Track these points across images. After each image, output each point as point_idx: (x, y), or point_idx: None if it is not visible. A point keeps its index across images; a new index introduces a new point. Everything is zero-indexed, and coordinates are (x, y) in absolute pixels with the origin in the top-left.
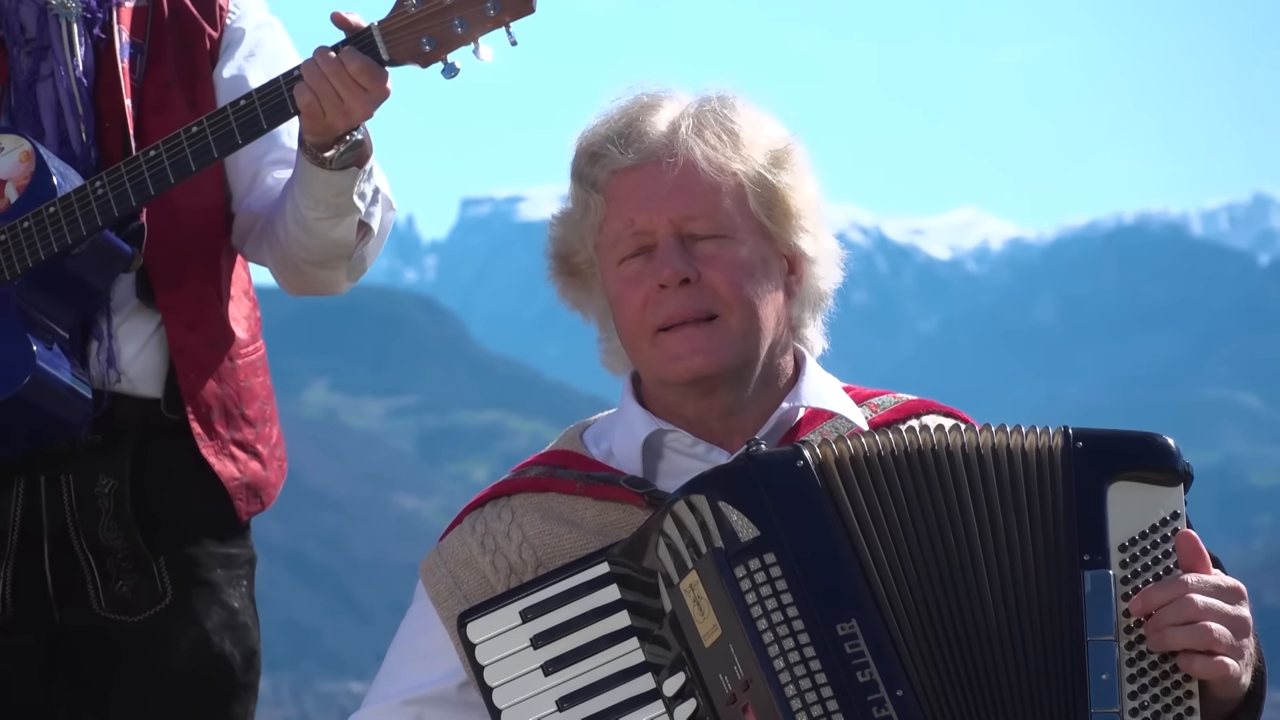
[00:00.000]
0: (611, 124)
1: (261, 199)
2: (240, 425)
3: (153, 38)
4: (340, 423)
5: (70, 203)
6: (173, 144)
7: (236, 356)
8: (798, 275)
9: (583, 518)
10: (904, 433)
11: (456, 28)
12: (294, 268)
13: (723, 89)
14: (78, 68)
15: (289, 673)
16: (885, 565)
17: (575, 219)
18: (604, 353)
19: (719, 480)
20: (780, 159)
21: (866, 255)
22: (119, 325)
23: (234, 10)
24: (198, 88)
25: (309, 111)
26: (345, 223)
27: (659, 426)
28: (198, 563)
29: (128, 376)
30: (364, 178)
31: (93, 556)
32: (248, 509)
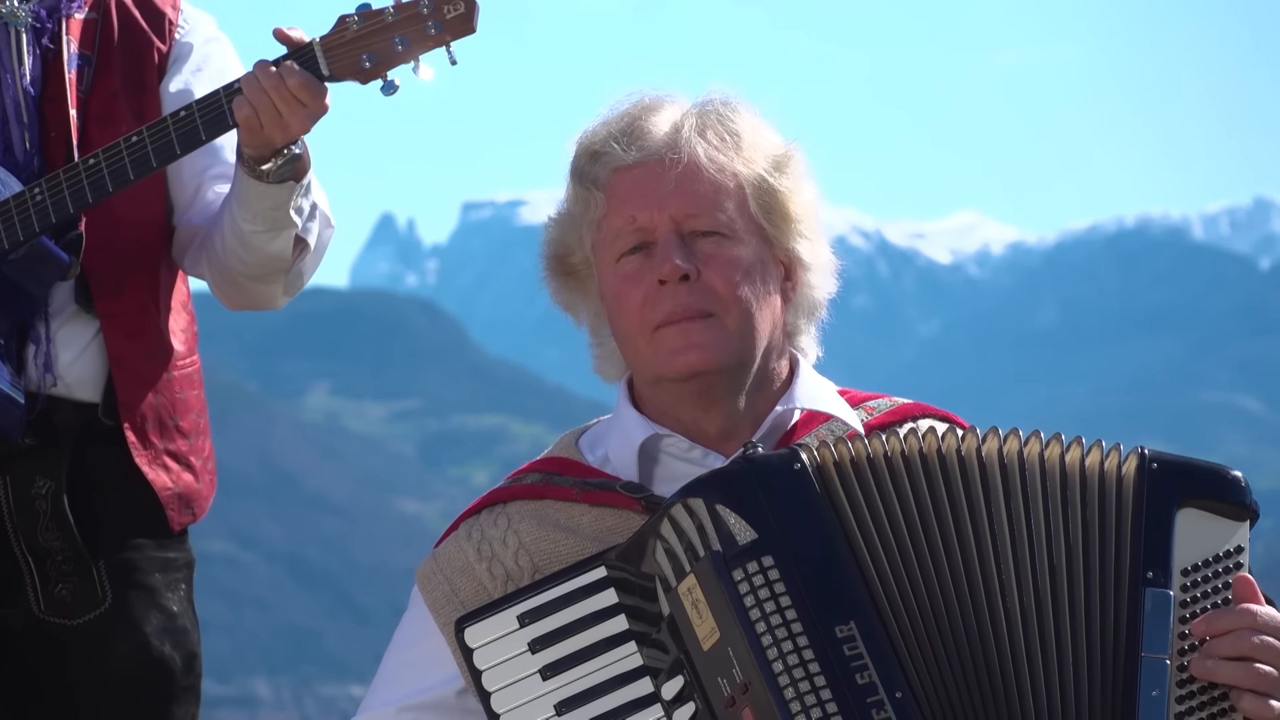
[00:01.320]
0: (612, 124)
1: (202, 212)
2: (174, 436)
3: (101, 50)
4: (341, 426)
5: (9, 208)
6: (112, 153)
7: (173, 369)
8: (794, 282)
9: (579, 524)
10: (923, 437)
11: (397, 45)
12: (231, 281)
13: (724, 93)
14: (24, 77)
15: (290, 676)
16: (887, 568)
17: (574, 217)
18: (596, 359)
19: (716, 483)
20: (781, 163)
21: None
22: (57, 330)
23: (183, 25)
24: (144, 100)
25: (247, 125)
26: (282, 236)
27: (655, 431)
28: (136, 566)
29: (65, 381)
30: (301, 192)
31: (32, 559)
32: (179, 519)
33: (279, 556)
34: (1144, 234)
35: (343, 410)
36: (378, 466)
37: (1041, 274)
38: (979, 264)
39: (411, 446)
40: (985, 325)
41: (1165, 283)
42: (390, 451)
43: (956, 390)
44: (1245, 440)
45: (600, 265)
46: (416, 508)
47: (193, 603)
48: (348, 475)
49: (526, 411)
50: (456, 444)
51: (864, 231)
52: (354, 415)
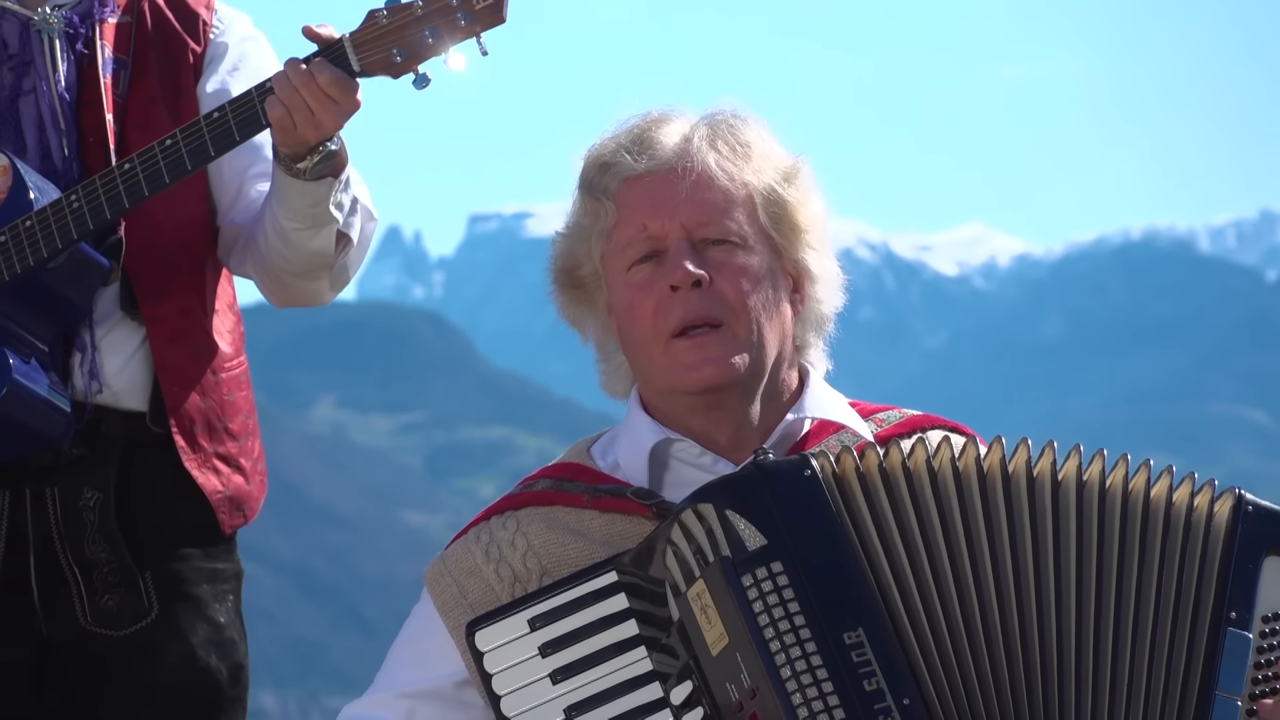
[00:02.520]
0: (622, 136)
1: (245, 211)
2: (223, 438)
3: (136, 53)
4: (347, 439)
5: (46, 217)
6: (147, 157)
7: (220, 370)
8: (802, 295)
9: (589, 528)
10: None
11: (427, 38)
12: (277, 279)
13: (733, 105)
14: (60, 83)
15: (296, 689)
16: (908, 577)
17: (582, 229)
18: (603, 374)
19: (727, 489)
20: (790, 175)
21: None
22: (102, 337)
23: (217, 25)
24: (181, 103)
25: (280, 124)
26: (323, 233)
27: (666, 435)
28: (183, 578)
29: (111, 389)
30: (340, 188)
31: (79, 570)
32: (230, 522)
33: (285, 569)
34: (1150, 246)
35: (349, 423)
36: (384, 479)
37: (1048, 286)
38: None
39: (418, 459)
40: (992, 337)
41: (1171, 295)
42: (397, 464)
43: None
44: (1251, 452)
45: (610, 276)
46: (423, 520)
47: (241, 614)
48: (354, 487)
49: (533, 424)
50: (463, 456)
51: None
52: (360, 428)
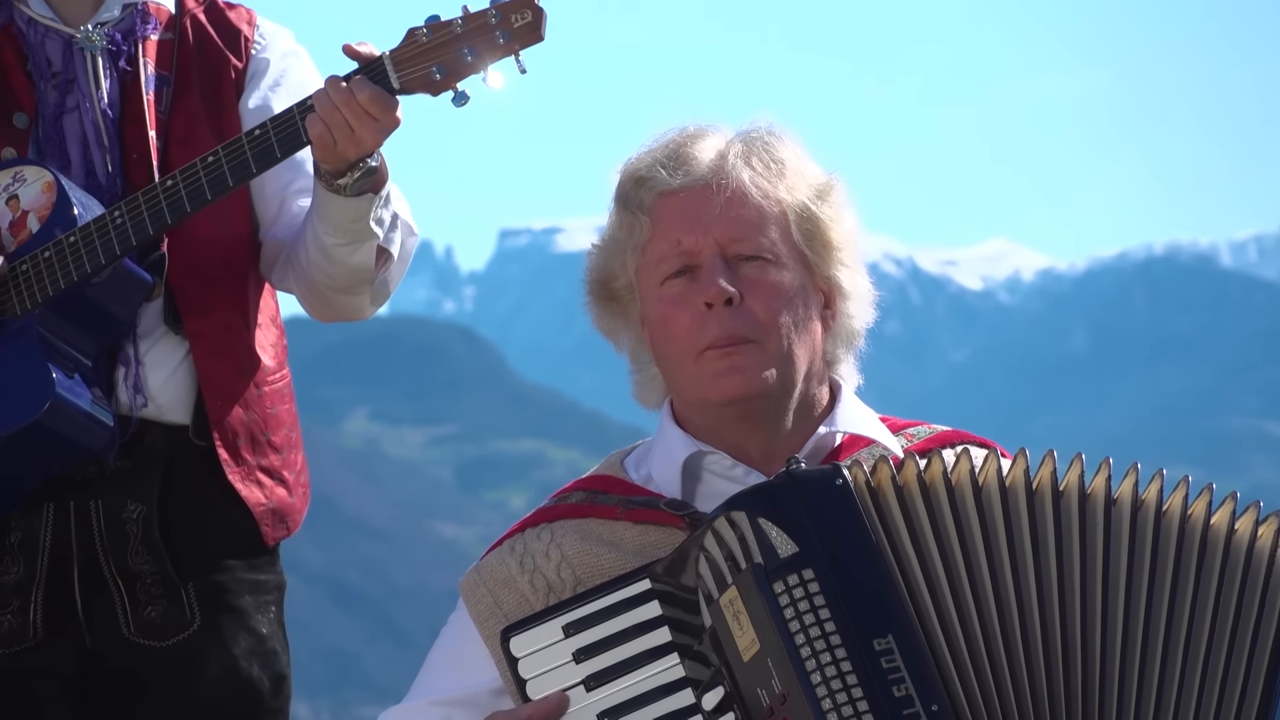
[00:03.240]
0: (658, 151)
1: (287, 227)
2: (266, 451)
3: (179, 70)
4: (380, 452)
5: (90, 232)
6: (189, 173)
7: (263, 384)
8: (833, 310)
9: (622, 538)
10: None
11: (466, 56)
12: (319, 294)
13: (768, 122)
14: (103, 100)
15: (330, 699)
16: (939, 585)
17: (617, 242)
18: (636, 384)
19: (759, 497)
20: (824, 192)
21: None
22: (146, 352)
23: (259, 41)
24: (224, 119)
25: (320, 141)
26: (364, 248)
27: (699, 448)
28: (226, 589)
29: (155, 403)
30: (380, 204)
31: (122, 582)
32: (274, 534)
33: (319, 580)
34: (1173, 261)
35: (381, 436)
36: (416, 491)
37: (1072, 300)
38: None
39: (449, 471)
40: (1016, 351)
41: (1194, 309)
42: (428, 476)
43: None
44: (1273, 465)
45: (643, 289)
46: (454, 531)
47: (283, 625)
48: (387, 500)
49: (563, 436)
50: (494, 468)
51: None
52: (393, 441)
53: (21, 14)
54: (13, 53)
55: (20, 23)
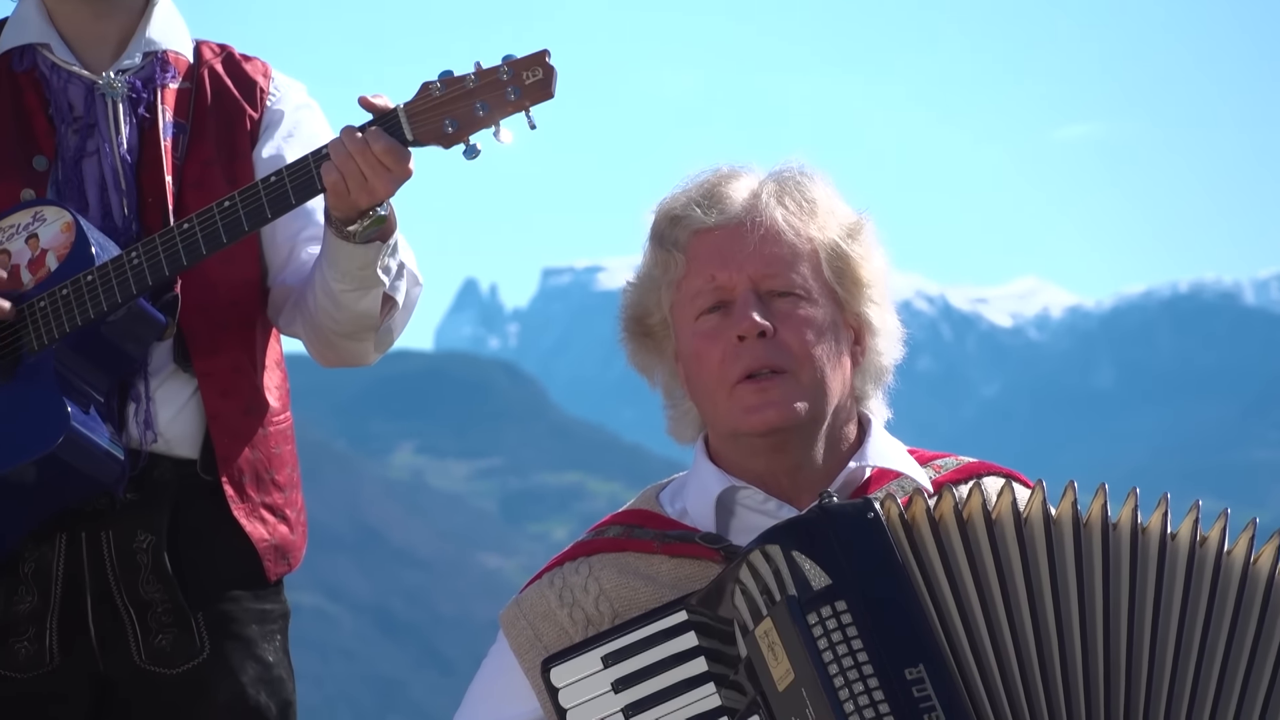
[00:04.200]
0: (692, 191)
1: (296, 273)
2: (270, 489)
3: (195, 118)
4: (426, 484)
5: (107, 272)
6: (205, 217)
7: (269, 424)
8: (863, 346)
9: (658, 572)
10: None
11: (478, 111)
12: (324, 339)
13: (799, 162)
14: (122, 145)
15: None
16: (972, 615)
17: (653, 279)
18: (670, 420)
19: (793, 531)
20: (854, 230)
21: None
22: (156, 388)
23: (274, 93)
24: (237, 166)
25: (334, 189)
26: (370, 295)
27: (732, 483)
28: (234, 618)
29: (164, 438)
30: (388, 252)
31: (134, 610)
32: (275, 569)
33: (366, 609)
34: (1197, 298)
35: (427, 468)
36: (461, 522)
37: (1099, 337)
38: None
39: (493, 503)
40: (1045, 386)
41: (1218, 345)
42: (473, 508)
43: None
44: None
45: (678, 324)
46: (498, 562)
47: (288, 653)
48: (432, 531)
49: (604, 469)
50: (536, 501)
51: (928, 296)
52: (438, 473)
53: (45, 59)
54: (35, 96)
55: (43, 67)
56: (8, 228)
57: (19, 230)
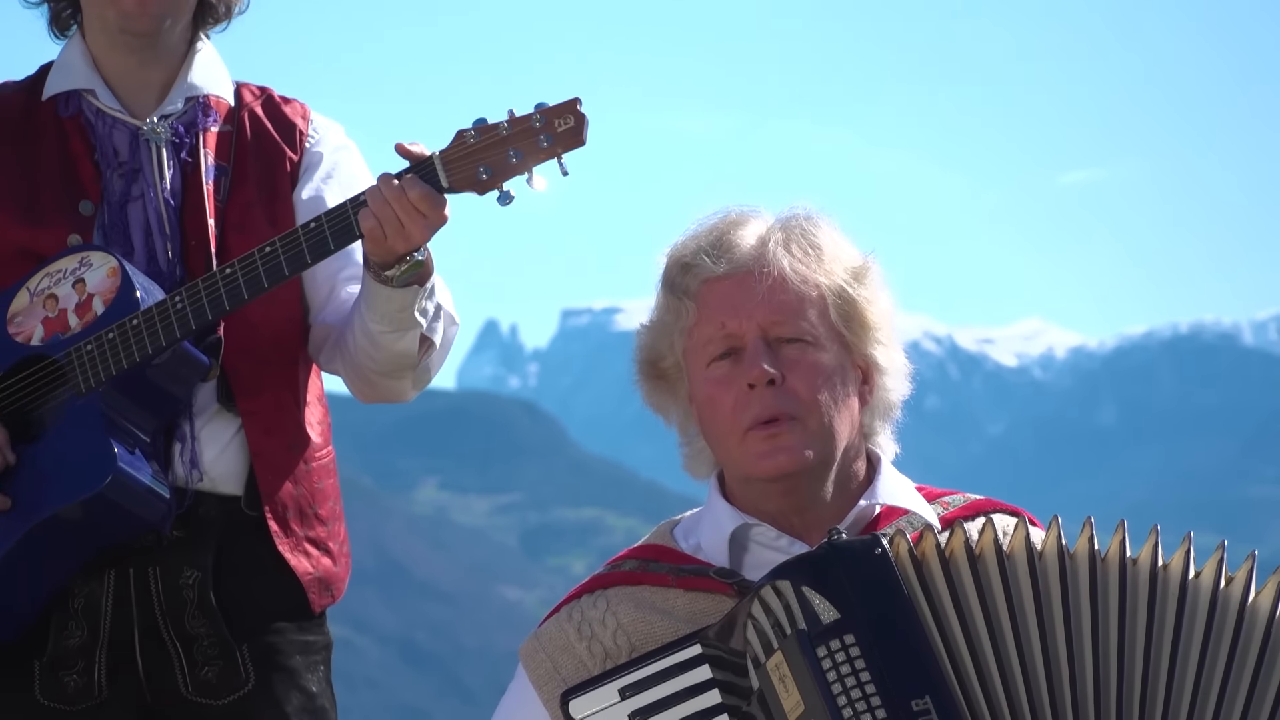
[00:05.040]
0: (702, 238)
1: (336, 312)
2: (313, 523)
3: (236, 161)
4: (449, 519)
5: (152, 316)
6: (247, 263)
7: (311, 459)
8: (871, 385)
9: (674, 606)
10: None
11: (512, 158)
12: (363, 377)
13: (805, 208)
14: (165, 189)
15: None
16: (980, 647)
17: (665, 325)
18: (685, 457)
19: (803, 567)
20: (860, 274)
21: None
22: (201, 428)
23: (313, 135)
24: (278, 208)
25: (371, 235)
26: (408, 336)
27: (745, 521)
28: (278, 650)
29: (209, 476)
30: (425, 295)
31: (180, 644)
32: (319, 601)
33: (391, 640)
34: (1197, 339)
35: (450, 504)
36: (483, 556)
37: (1101, 376)
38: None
39: (514, 538)
40: (1049, 424)
41: (1217, 384)
42: (494, 542)
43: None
44: None
45: (691, 370)
46: (518, 595)
47: (331, 683)
48: (455, 564)
49: (621, 505)
50: (556, 535)
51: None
52: (461, 508)
53: (90, 105)
54: (81, 142)
55: (89, 114)
56: (55, 272)
57: (66, 275)
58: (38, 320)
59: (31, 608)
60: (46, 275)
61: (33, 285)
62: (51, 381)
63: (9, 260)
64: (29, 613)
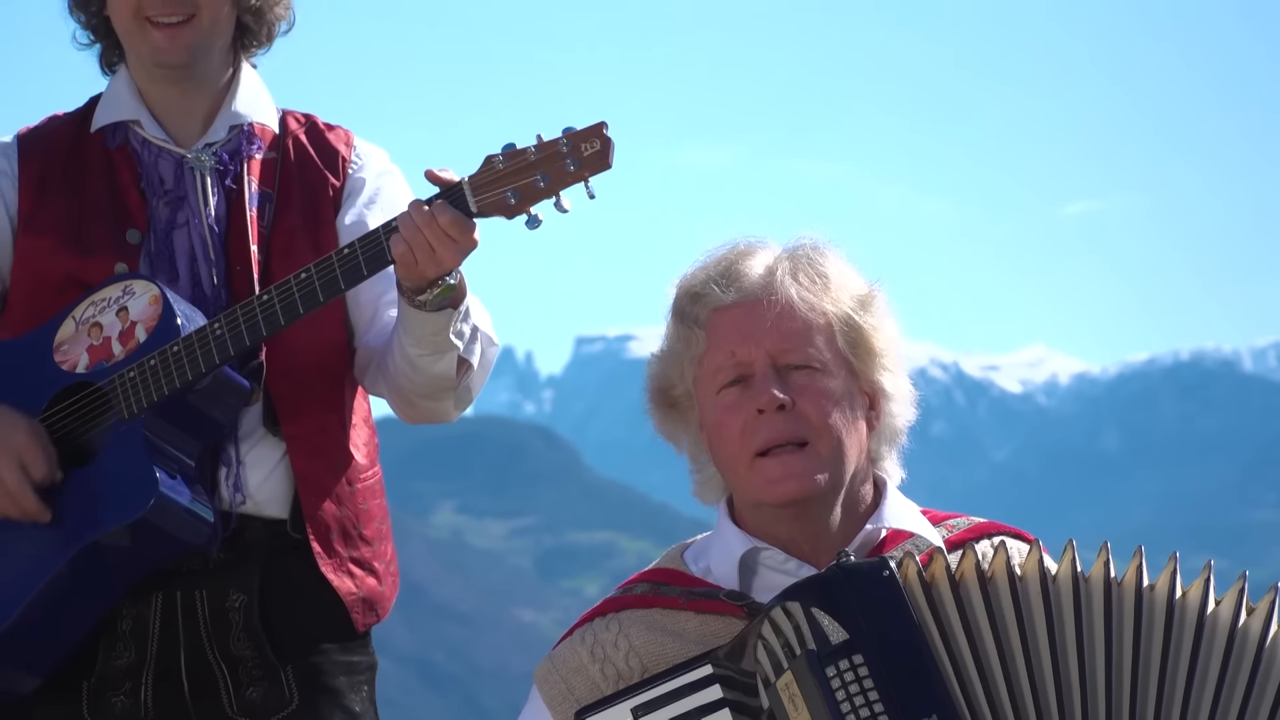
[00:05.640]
0: (711, 268)
1: (379, 335)
2: (358, 544)
3: (280, 187)
4: (465, 542)
5: (192, 342)
6: (283, 289)
7: (355, 481)
8: (877, 411)
9: (685, 629)
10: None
11: (539, 182)
12: (406, 399)
13: (812, 238)
14: (210, 216)
15: None
16: (988, 666)
17: (676, 354)
18: (696, 484)
19: (812, 588)
20: (865, 302)
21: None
22: (247, 453)
23: (355, 161)
24: (321, 233)
25: (403, 260)
26: (446, 359)
27: (754, 544)
28: (322, 670)
29: (254, 500)
30: (460, 318)
31: (225, 665)
32: (364, 620)
33: (409, 661)
34: (1198, 366)
35: (467, 527)
36: (498, 579)
37: (1104, 403)
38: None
39: (529, 560)
40: (1053, 450)
41: (1218, 411)
42: (510, 565)
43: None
44: None
45: (701, 397)
46: (534, 616)
47: (374, 703)
48: (471, 586)
49: (634, 528)
50: (570, 558)
51: (942, 364)
52: (477, 532)
53: (136, 135)
54: (128, 171)
55: (135, 143)
56: (100, 301)
57: (110, 303)
58: (83, 348)
59: (77, 635)
60: (91, 304)
61: (78, 314)
62: (97, 408)
63: (58, 287)
64: (74, 640)
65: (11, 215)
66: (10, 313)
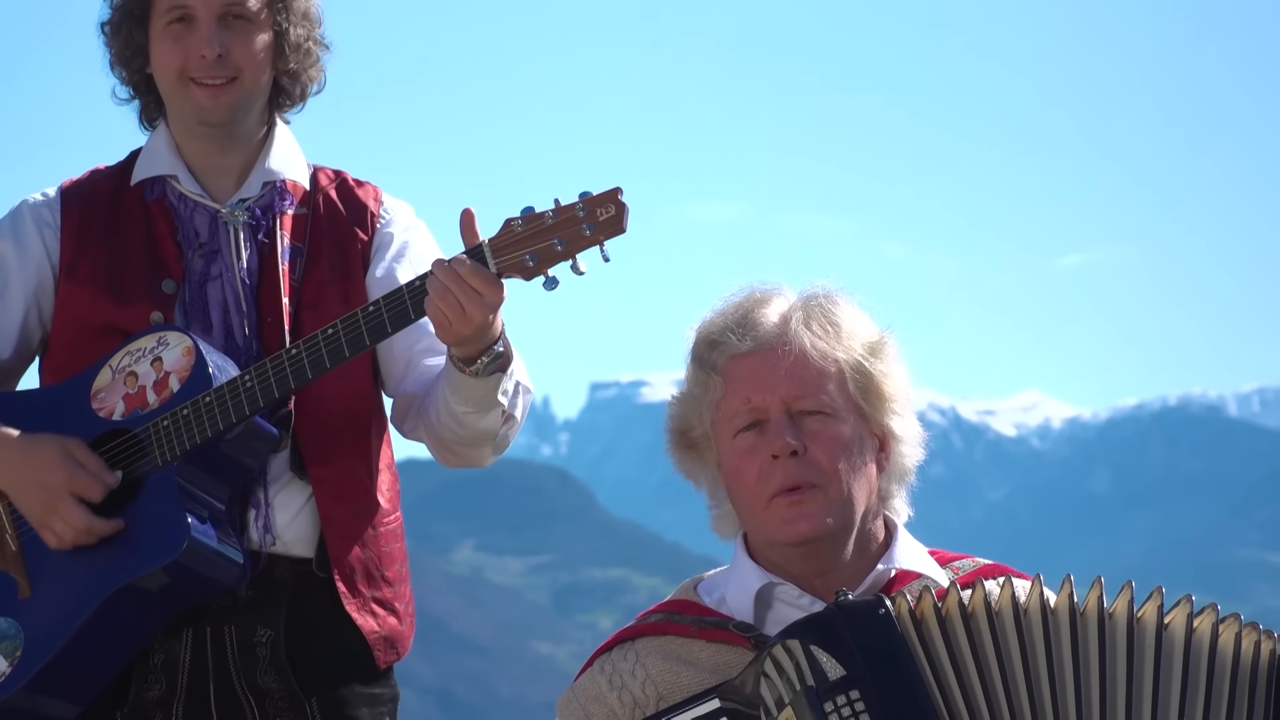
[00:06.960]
0: (728, 316)
1: (416, 382)
2: (380, 585)
3: (311, 242)
4: (485, 579)
5: (223, 393)
6: (311, 344)
7: (379, 524)
8: (887, 452)
9: (698, 658)
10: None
11: (556, 246)
12: (447, 447)
13: (825, 286)
14: (243, 269)
15: None
16: (976, 702)
17: (694, 398)
18: (714, 519)
19: (811, 626)
20: (876, 349)
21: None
22: (275, 495)
23: (383, 216)
24: (350, 286)
25: (437, 321)
26: (491, 414)
27: (770, 579)
28: (346, 702)
29: (282, 540)
30: (507, 378)
31: (253, 697)
32: (385, 658)
33: (430, 692)
34: (1185, 410)
35: (486, 564)
36: (516, 613)
37: (1096, 446)
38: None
39: (546, 596)
40: (1046, 491)
41: (1204, 453)
42: (527, 600)
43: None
44: (1275, 593)
45: (719, 440)
46: (550, 649)
47: None
48: (490, 621)
49: (646, 565)
50: (585, 594)
51: (940, 409)
52: (496, 569)
53: (174, 189)
54: (165, 224)
55: (172, 198)
56: (135, 351)
57: (145, 354)
58: (119, 396)
59: (114, 667)
60: (127, 353)
61: (114, 363)
62: (133, 454)
63: (96, 335)
64: (111, 673)
65: (54, 264)
66: (52, 359)
